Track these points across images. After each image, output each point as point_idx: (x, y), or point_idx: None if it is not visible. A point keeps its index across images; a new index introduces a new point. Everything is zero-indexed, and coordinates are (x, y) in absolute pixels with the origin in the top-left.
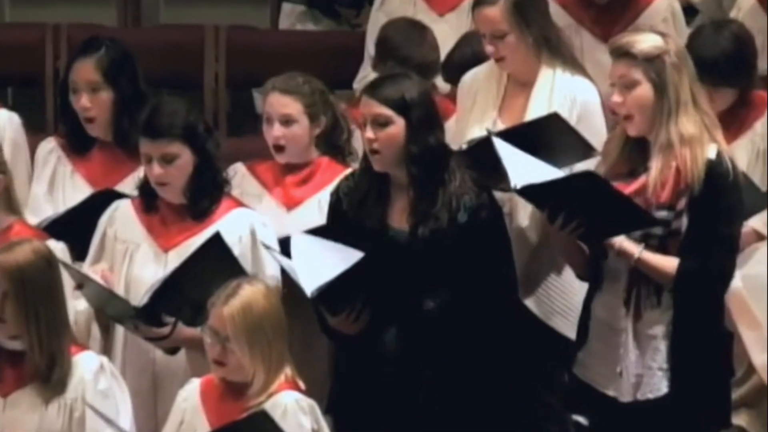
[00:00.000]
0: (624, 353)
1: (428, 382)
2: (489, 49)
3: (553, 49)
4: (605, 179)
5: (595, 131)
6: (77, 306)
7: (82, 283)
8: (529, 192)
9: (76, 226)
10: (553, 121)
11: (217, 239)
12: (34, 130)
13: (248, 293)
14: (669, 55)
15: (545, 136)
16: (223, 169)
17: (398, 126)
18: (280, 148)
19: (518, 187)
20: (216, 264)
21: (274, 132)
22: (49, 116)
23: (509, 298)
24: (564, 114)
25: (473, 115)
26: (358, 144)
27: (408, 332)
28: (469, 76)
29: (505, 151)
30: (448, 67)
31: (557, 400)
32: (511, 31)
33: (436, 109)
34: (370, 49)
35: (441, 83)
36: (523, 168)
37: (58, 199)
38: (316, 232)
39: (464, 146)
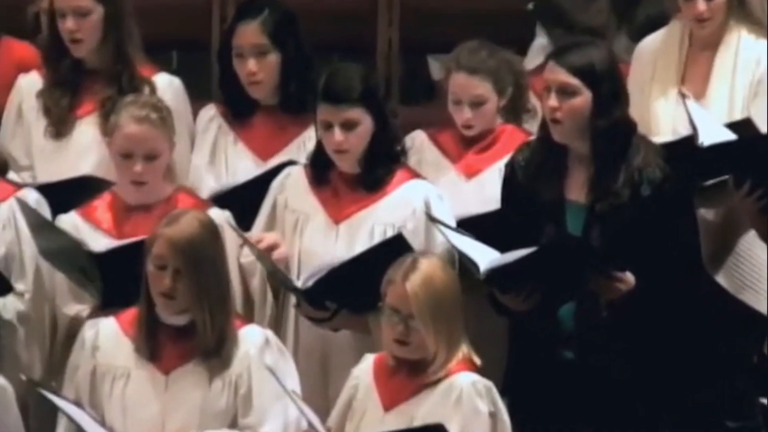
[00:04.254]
0: None
1: (608, 365)
2: (702, 7)
3: (746, 10)
4: None
5: None
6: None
7: (255, 253)
8: (715, 152)
9: (247, 198)
10: None
11: (399, 238)
12: (199, 95)
13: (427, 267)
14: None
15: None
16: (399, 137)
17: (585, 98)
18: (469, 127)
19: (705, 144)
20: (393, 261)
21: (465, 114)
22: (215, 82)
23: (696, 273)
24: (747, 77)
25: (655, 87)
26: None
27: (586, 312)
28: (647, 44)
29: (696, 112)
30: (633, 25)
31: (745, 381)
32: None
33: (623, 81)
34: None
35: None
36: (712, 129)
37: (221, 168)
38: (486, 217)
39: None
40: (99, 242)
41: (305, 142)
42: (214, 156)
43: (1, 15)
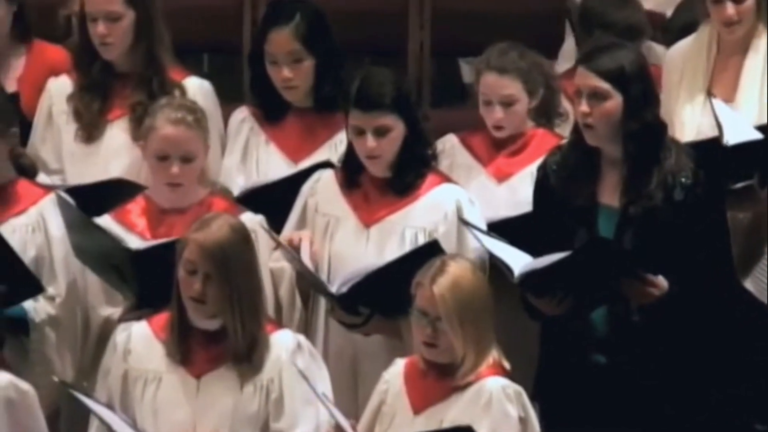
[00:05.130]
0: None
1: (639, 369)
2: (731, 11)
3: None
4: None
5: None
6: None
7: (288, 257)
8: (740, 152)
9: (277, 198)
10: None
11: (434, 244)
12: (230, 98)
13: (456, 270)
14: None
15: None
16: (431, 141)
17: (616, 101)
18: (500, 128)
19: (729, 143)
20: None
21: (496, 115)
22: (246, 85)
23: (726, 277)
24: None
25: (683, 92)
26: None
27: (618, 315)
28: (677, 49)
29: (723, 111)
30: (669, 32)
31: None
32: None
33: (654, 82)
34: (574, 16)
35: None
36: (738, 129)
37: (251, 169)
38: (518, 221)
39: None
40: (133, 245)
41: (336, 145)
42: (246, 157)
43: (33, 18)
